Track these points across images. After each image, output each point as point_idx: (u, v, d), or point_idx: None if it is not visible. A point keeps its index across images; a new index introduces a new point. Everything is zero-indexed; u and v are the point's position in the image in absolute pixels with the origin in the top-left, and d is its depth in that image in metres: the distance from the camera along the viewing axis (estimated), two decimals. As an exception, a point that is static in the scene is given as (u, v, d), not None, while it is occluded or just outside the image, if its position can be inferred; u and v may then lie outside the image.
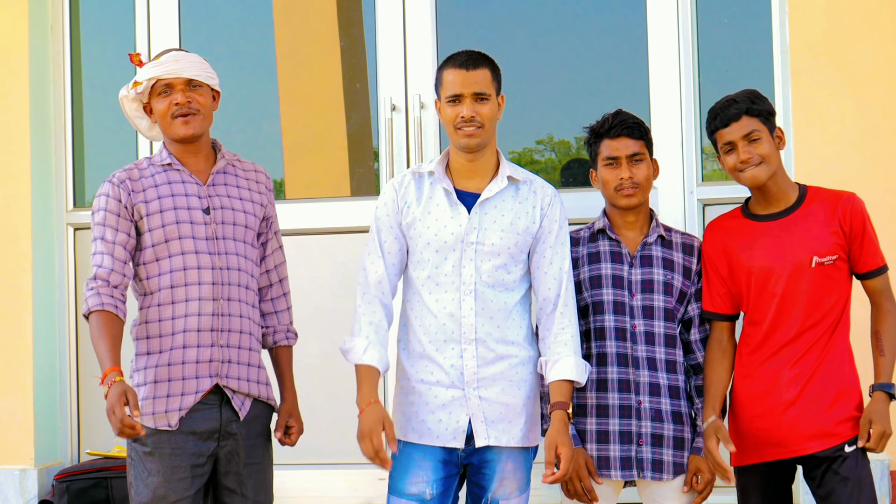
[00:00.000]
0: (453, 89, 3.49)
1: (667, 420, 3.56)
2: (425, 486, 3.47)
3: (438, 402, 3.47)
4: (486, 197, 3.51)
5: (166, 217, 3.53)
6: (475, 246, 3.47)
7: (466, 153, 3.53)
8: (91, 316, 3.48)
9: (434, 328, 3.48)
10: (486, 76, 3.51)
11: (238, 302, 3.55)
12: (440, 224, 3.50)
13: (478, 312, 3.45)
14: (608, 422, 3.56)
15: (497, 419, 3.46)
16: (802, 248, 3.49)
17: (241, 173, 3.70)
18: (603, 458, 3.56)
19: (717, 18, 4.92)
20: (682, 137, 4.84)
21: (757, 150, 3.50)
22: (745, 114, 3.50)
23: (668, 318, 3.60)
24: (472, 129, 3.47)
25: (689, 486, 3.56)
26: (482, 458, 3.49)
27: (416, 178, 3.59)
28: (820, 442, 3.45)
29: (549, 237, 3.54)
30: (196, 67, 3.59)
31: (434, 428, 3.47)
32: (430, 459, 3.48)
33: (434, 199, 3.54)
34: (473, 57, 3.53)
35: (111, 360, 3.39)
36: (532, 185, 3.59)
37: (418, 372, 3.51)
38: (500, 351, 3.47)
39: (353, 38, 5.34)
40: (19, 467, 5.15)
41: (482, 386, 3.46)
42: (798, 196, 3.57)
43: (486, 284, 3.47)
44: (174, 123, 3.57)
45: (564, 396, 3.46)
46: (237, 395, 3.55)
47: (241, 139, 5.05)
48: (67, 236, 5.35)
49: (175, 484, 3.47)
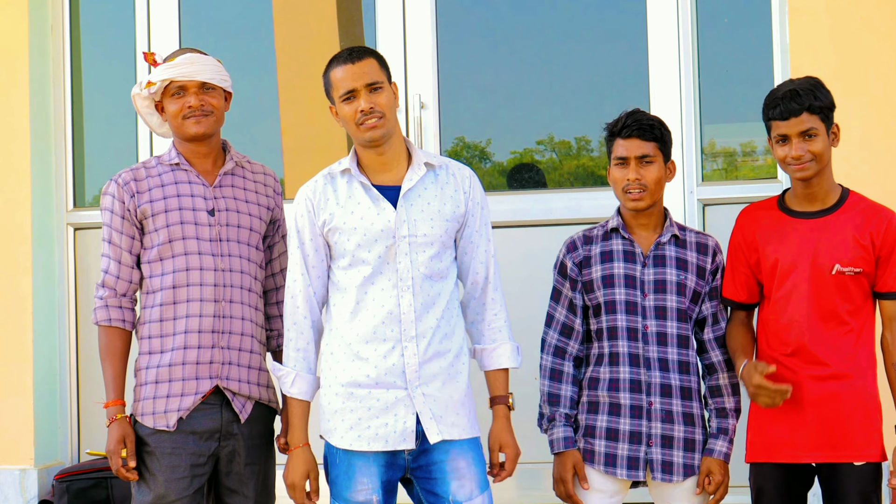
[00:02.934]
0: (345, 85, 3.36)
1: (678, 421, 3.54)
2: (371, 494, 3.36)
3: (381, 406, 3.34)
4: (409, 187, 3.40)
5: (171, 217, 3.53)
6: (408, 239, 3.37)
7: (374, 147, 3.39)
8: (99, 330, 3.58)
9: (371, 328, 3.35)
10: (374, 65, 3.40)
11: (240, 304, 3.56)
12: (367, 222, 3.37)
13: (417, 308, 3.37)
14: (619, 420, 3.53)
15: (443, 414, 3.37)
16: (827, 253, 3.44)
17: (250, 175, 3.70)
18: (610, 455, 3.54)
19: (717, 18, 4.92)
20: (682, 137, 4.84)
21: (810, 148, 3.41)
22: (806, 110, 3.40)
23: (681, 319, 3.57)
24: (374, 121, 3.35)
25: (702, 487, 3.55)
26: (430, 459, 3.37)
27: (329, 181, 3.44)
28: (832, 453, 3.42)
29: (474, 220, 3.48)
30: (210, 71, 3.58)
31: (381, 432, 3.34)
32: (374, 465, 3.37)
33: (354, 197, 3.40)
34: (357, 50, 3.42)
35: (115, 391, 3.53)
36: (448, 168, 3.49)
37: (352, 375, 3.36)
38: (438, 346, 3.38)
39: (353, 38, 5.34)
40: (19, 467, 5.16)
41: (424, 382, 3.36)
42: (838, 199, 3.50)
43: (424, 276, 3.37)
44: (185, 123, 3.57)
45: (504, 388, 3.45)
46: (237, 397, 3.55)
47: (241, 139, 5.03)
48: (67, 236, 5.36)
49: (174, 483, 3.48)
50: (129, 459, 3.49)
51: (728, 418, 3.57)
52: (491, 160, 5.30)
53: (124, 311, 3.57)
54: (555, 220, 4.96)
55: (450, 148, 5.16)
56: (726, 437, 3.55)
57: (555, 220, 4.97)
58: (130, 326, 3.59)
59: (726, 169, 5.03)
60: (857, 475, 3.42)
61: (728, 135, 5.00)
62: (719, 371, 3.60)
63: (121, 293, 3.57)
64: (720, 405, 3.59)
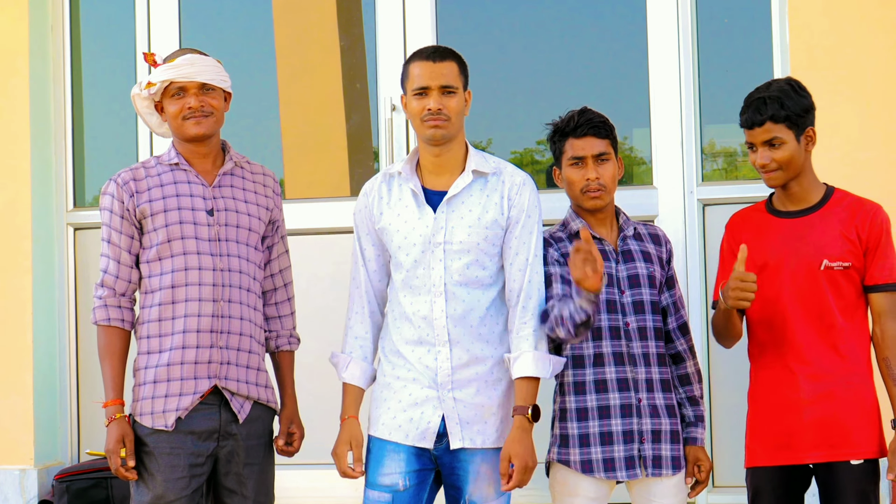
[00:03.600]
0: (420, 81, 3.43)
1: (663, 415, 3.55)
2: (398, 478, 3.42)
3: (412, 400, 3.42)
4: (453, 194, 3.44)
5: (170, 217, 3.53)
6: (443, 246, 3.42)
7: (433, 146, 3.45)
8: (98, 329, 3.60)
9: (409, 330, 3.44)
10: (454, 69, 3.46)
11: (239, 304, 3.55)
12: (409, 226, 3.46)
13: (449, 314, 3.40)
14: (611, 422, 3.53)
15: (472, 420, 3.41)
16: (814, 250, 3.46)
17: (249, 175, 3.70)
18: (608, 459, 3.53)
19: (717, 18, 4.92)
20: (682, 137, 4.84)
21: (775, 156, 3.45)
22: (769, 120, 3.44)
23: (655, 312, 3.60)
24: (439, 122, 3.41)
25: (692, 477, 3.56)
26: (454, 457, 3.43)
27: (386, 180, 3.55)
28: (831, 452, 3.42)
29: (517, 227, 3.46)
30: (210, 72, 3.58)
31: (404, 426, 3.42)
32: (402, 451, 3.43)
33: (403, 200, 3.49)
34: (441, 50, 3.48)
35: (114, 391, 3.54)
36: (501, 175, 3.50)
37: (394, 368, 3.47)
38: (476, 352, 3.42)
39: (353, 37, 5.34)
40: (19, 467, 5.16)
41: (456, 387, 3.40)
42: (822, 197, 3.54)
43: (458, 283, 3.41)
44: (185, 124, 3.57)
45: (525, 398, 3.40)
46: (236, 397, 3.55)
47: (241, 139, 5.04)
48: (67, 236, 5.35)
49: (173, 483, 3.48)
50: (128, 459, 3.50)
51: (700, 405, 3.61)
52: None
53: (123, 311, 3.58)
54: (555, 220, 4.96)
55: (450, 148, 5.15)
56: (702, 424, 3.59)
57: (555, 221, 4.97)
58: (129, 326, 3.59)
59: (726, 169, 5.03)
60: (855, 473, 3.43)
61: (728, 135, 4.99)
62: (687, 359, 3.64)
63: (120, 293, 3.57)
64: (691, 393, 3.62)
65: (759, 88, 3.53)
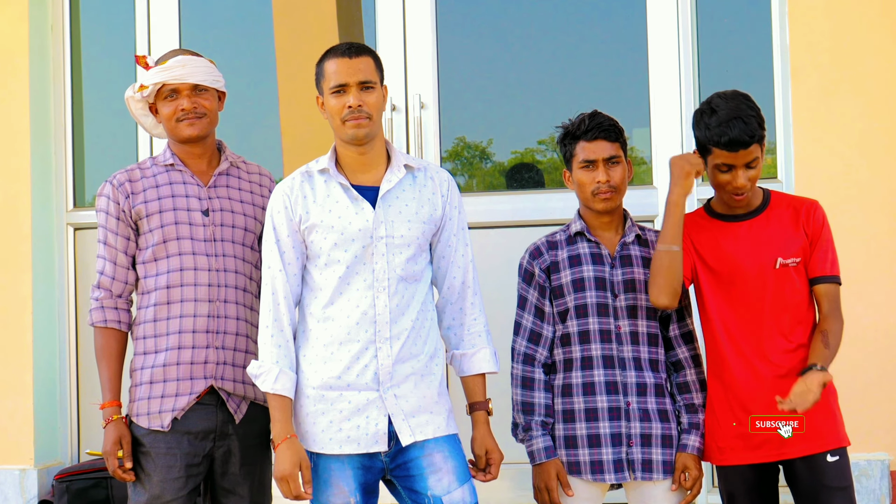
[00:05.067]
0: (338, 79, 3.33)
1: (654, 419, 3.55)
2: (349, 497, 3.34)
3: (353, 408, 3.32)
4: (388, 188, 3.38)
5: (165, 218, 3.53)
6: (385, 240, 3.36)
7: (356, 146, 3.37)
8: (95, 331, 3.59)
9: (345, 329, 3.33)
10: (370, 64, 3.39)
11: (235, 304, 3.55)
12: (344, 222, 3.35)
13: (392, 309, 3.35)
14: (598, 425, 3.53)
15: (416, 412, 3.36)
16: (767, 250, 3.49)
17: (245, 175, 3.70)
18: (596, 462, 3.53)
19: (717, 18, 4.92)
20: (682, 137, 4.84)
21: (751, 175, 3.44)
22: (756, 142, 3.40)
23: (650, 317, 3.59)
24: (360, 120, 3.34)
25: (678, 483, 3.56)
26: (406, 457, 3.35)
27: (307, 178, 3.42)
28: (803, 446, 3.43)
29: (452, 224, 3.46)
30: (202, 73, 3.58)
31: (353, 435, 3.32)
32: (349, 468, 3.35)
33: (332, 196, 3.38)
34: (355, 46, 3.41)
35: (111, 392, 3.53)
36: (427, 171, 3.48)
37: (323, 378, 3.34)
38: (412, 348, 3.37)
39: (353, 38, 5.34)
40: (19, 467, 5.16)
41: (396, 384, 3.35)
42: (763, 200, 3.56)
43: (400, 278, 3.35)
44: (179, 126, 3.57)
45: (483, 393, 3.45)
46: (232, 397, 3.55)
47: (241, 139, 5.05)
48: (67, 236, 5.36)
49: (169, 484, 3.48)
50: (125, 460, 3.50)
51: (698, 413, 3.58)
52: (492, 160, 5.30)
53: (120, 313, 3.58)
54: (555, 220, 4.96)
55: (450, 148, 5.16)
56: (698, 432, 3.56)
57: (555, 220, 4.97)
58: (126, 327, 3.59)
59: (726, 169, 5.02)
60: (830, 464, 3.45)
61: (728, 135, 4.99)
62: (687, 367, 3.62)
63: (116, 294, 3.58)
64: (689, 401, 3.60)
65: (719, 104, 3.45)
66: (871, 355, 4.50)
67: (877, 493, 4.55)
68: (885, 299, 4.57)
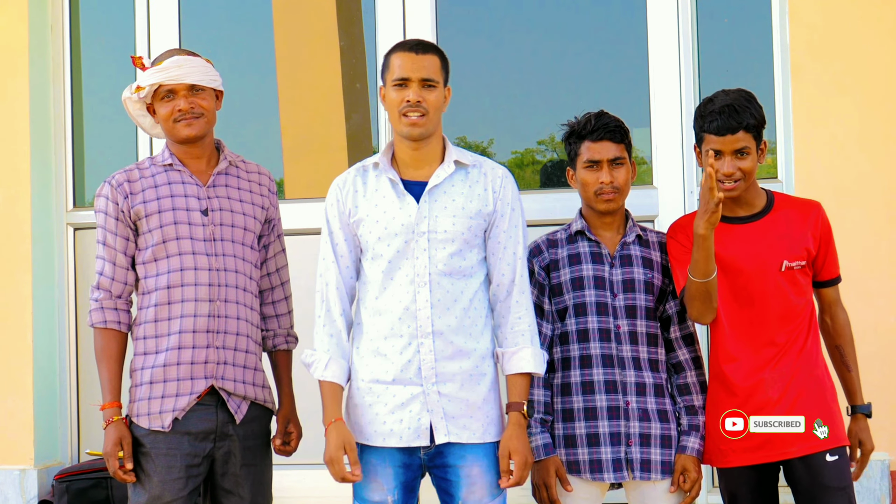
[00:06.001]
0: (401, 72, 3.37)
1: (654, 419, 3.55)
2: (386, 494, 3.38)
3: (397, 402, 3.36)
4: (435, 183, 3.40)
5: (164, 218, 3.53)
6: (427, 235, 3.38)
7: (410, 142, 3.43)
8: (94, 332, 3.59)
9: (389, 324, 3.37)
10: (436, 63, 3.42)
11: (235, 304, 3.55)
12: (388, 216, 3.40)
13: (433, 304, 3.36)
14: (597, 424, 3.53)
15: (457, 415, 3.37)
16: (773, 252, 3.49)
17: (244, 175, 3.70)
18: (595, 461, 3.53)
19: (717, 18, 4.92)
20: (683, 137, 4.84)
21: (741, 166, 3.45)
22: (743, 129, 3.43)
23: (650, 318, 3.59)
24: (417, 117, 3.36)
25: (677, 485, 3.55)
26: (444, 461, 3.39)
27: (360, 173, 3.49)
28: (803, 446, 3.44)
29: (503, 221, 3.45)
30: (199, 73, 3.57)
31: (395, 428, 3.36)
32: (389, 465, 3.38)
33: (380, 191, 3.43)
34: (423, 43, 3.45)
35: (111, 393, 3.53)
36: (482, 167, 3.49)
37: (373, 371, 3.39)
38: (460, 344, 3.38)
39: (353, 37, 5.34)
40: (19, 467, 5.16)
41: (441, 381, 3.36)
42: (767, 202, 3.56)
43: (443, 273, 3.37)
44: (177, 126, 3.57)
45: (521, 394, 3.40)
46: (233, 397, 3.54)
47: (241, 139, 5.05)
48: (67, 236, 5.36)
49: (170, 484, 3.48)
50: (125, 462, 3.49)
51: (698, 415, 3.57)
52: (492, 160, 5.29)
53: (119, 313, 3.57)
54: (555, 219, 4.96)
55: (450, 148, 5.15)
56: (698, 434, 3.56)
57: (556, 220, 4.97)
58: (126, 328, 3.58)
59: (726, 169, 5.02)
60: (830, 463, 3.46)
61: (728, 135, 4.99)
62: (687, 369, 3.62)
63: (116, 295, 3.57)
64: (689, 402, 3.60)
65: (719, 96, 3.51)
66: (872, 355, 4.49)
67: (877, 493, 4.55)
68: (885, 299, 4.57)
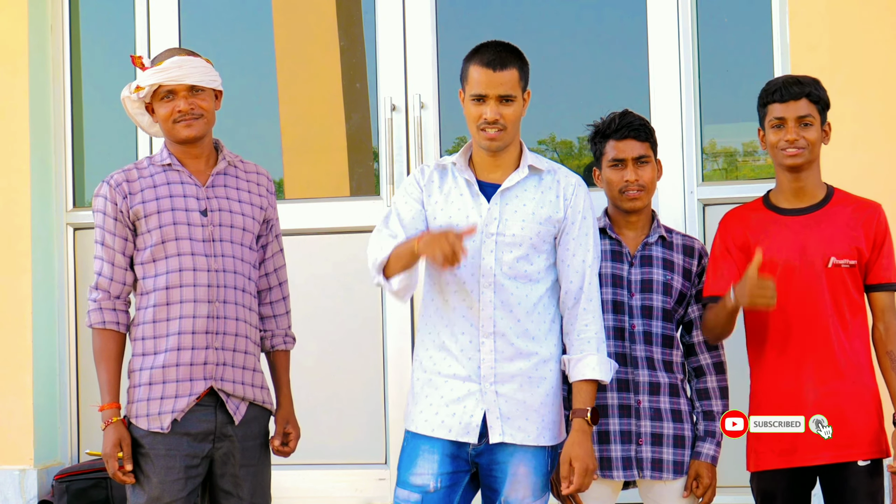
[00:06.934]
0: (478, 88, 3.37)
1: (666, 419, 3.54)
2: (430, 479, 3.38)
3: (454, 396, 3.37)
4: (507, 186, 3.41)
5: (163, 218, 3.52)
6: (495, 237, 3.38)
7: (488, 152, 3.44)
8: (93, 332, 3.58)
9: (453, 321, 3.39)
10: (514, 76, 3.40)
11: (234, 304, 3.54)
12: (461, 214, 3.41)
13: (496, 305, 3.36)
14: (608, 422, 3.53)
15: (513, 416, 3.36)
16: (821, 247, 3.46)
17: (243, 175, 3.69)
18: (605, 458, 3.53)
19: (717, 18, 4.91)
20: (683, 137, 4.84)
21: (806, 135, 3.47)
22: (806, 96, 3.48)
23: (666, 319, 3.59)
24: (494, 133, 3.36)
25: (689, 490, 3.54)
26: (492, 458, 3.39)
27: (439, 170, 3.50)
28: (839, 452, 3.41)
29: (573, 228, 3.43)
30: (198, 73, 3.57)
31: (447, 421, 3.37)
32: (437, 452, 3.39)
33: (456, 189, 3.45)
34: (502, 56, 3.40)
35: (110, 394, 3.53)
36: (556, 174, 3.49)
37: (436, 364, 3.41)
38: (521, 346, 3.37)
39: (353, 37, 5.34)
40: (19, 467, 5.16)
41: (499, 381, 3.36)
42: (825, 195, 3.54)
43: (507, 276, 3.37)
44: (176, 127, 3.56)
45: (585, 401, 3.37)
46: (232, 398, 3.54)
47: (241, 139, 5.05)
48: (67, 236, 5.36)
49: (169, 485, 3.47)
50: (125, 462, 3.49)
51: (716, 421, 3.56)
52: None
53: (118, 314, 3.56)
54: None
55: (450, 148, 5.15)
56: (714, 440, 3.55)
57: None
58: (124, 329, 3.57)
59: (727, 169, 5.02)
60: (862, 474, 3.43)
61: (728, 135, 4.99)
62: (708, 374, 3.61)
63: (114, 295, 3.56)
64: (708, 408, 3.59)
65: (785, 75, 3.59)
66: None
67: (877, 494, 4.54)
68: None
